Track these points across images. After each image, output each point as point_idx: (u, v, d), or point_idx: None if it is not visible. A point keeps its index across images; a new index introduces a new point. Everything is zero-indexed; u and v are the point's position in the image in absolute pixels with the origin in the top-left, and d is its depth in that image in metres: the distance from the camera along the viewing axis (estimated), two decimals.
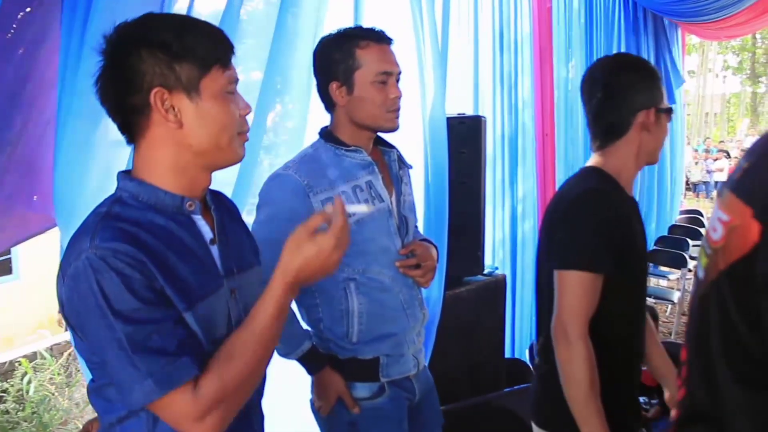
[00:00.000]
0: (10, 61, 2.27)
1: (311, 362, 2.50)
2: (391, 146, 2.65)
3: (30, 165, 2.42)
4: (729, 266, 1.10)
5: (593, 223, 2.12)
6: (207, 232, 1.64)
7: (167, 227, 1.54)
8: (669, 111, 2.28)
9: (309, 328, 2.58)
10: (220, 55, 1.55)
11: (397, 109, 2.45)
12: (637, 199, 7.56)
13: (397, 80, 2.47)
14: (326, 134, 2.51)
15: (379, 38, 2.42)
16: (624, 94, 2.25)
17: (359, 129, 2.46)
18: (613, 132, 2.28)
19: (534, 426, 2.40)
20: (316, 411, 2.62)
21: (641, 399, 4.61)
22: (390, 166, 2.62)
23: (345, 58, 2.37)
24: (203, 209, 1.67)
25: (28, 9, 2.26)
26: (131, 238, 1.43)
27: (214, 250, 1.65)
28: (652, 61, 9.58)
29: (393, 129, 2.49)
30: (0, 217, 2.44)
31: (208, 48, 1.53)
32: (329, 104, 2.49)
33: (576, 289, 2.09)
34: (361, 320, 2.46)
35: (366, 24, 2.85)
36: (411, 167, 2.75)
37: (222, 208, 1.79)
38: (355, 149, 2.46)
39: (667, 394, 2.51)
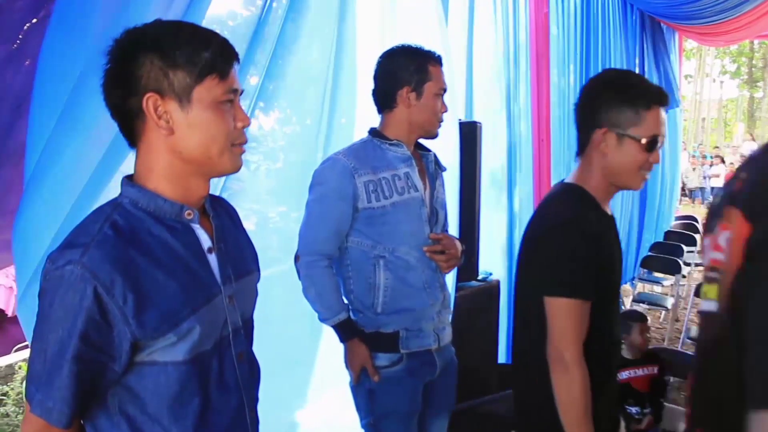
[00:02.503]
0: (18, 72, 2.29)
1: (344, 331, 2.80)
2: (428, 150, 2.99)
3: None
4: (731, 282, 1.11)
5: (571, 251, 2.15)
6: (205, 240, 1.65)
7: (162, 238, 1.56)
8: (636, 139, 2.19)
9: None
10: (217, 65, 1.54)
11: (442, 121, 2.89)
12: (631, 204, 7.54)
13: None
14: (374, 132, 2.87)
15: (440, 61, 2.88)
16: (589, 110, 2.25)
17: (411, 130, 2.85)
18: (580, 146, 2.31)
19: None
20: (350, 381, 2.89)
21: (633, 409, 4.62)
22: (427, 166, 2.94)
23: (419, 70, 2.78)
24: (202, 216, 1.67)
25: (35, 20, 2.28)
26: (121, 264, 1.46)
27: (212, 258, 1.66)
28: (649, 65, 9.59)
29: (435, 136, 2.92)
30: (8, 233, 2.45)
31: (204, 57, 1.53)
32: (387, 105, 2.84)
33: (567, 315, 2.14)
34: (386, 293, 2.78)
35: (382, 33, 3.34)
36: (445, 169, 3.08)
37: (222, 214, 1.80)
38: (397, 143, 2.83)
39: None
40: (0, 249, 2.61)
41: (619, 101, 2.18)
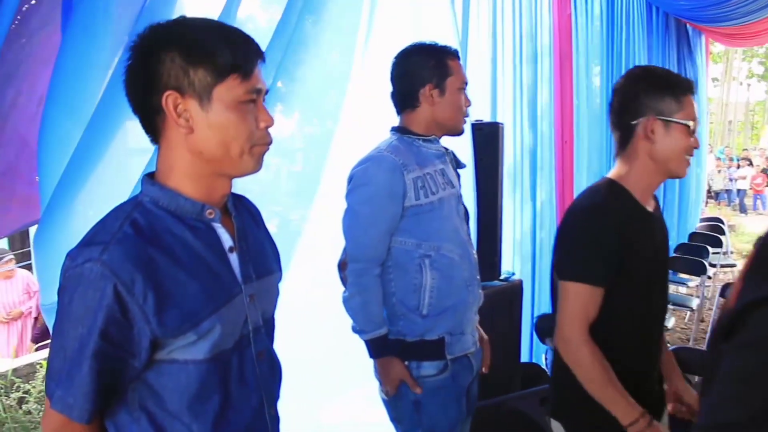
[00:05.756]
0: (10, 49, 2.29)
1: (379, 347, 2.72)
2: (446, 148, 2.91)
3: (25, 142, 2.43)
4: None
5: (588, 237, 2.24)
6: (227, 240, 1.64)
7: (183, 237, 1.55)
8: (682, 124, 2.27)
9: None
10: (239, 64, 1.52)
11: (467, 115, 2.85)
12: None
13: None
14: (401, 130, 2.80)
15: (458, 55, 2.83)
16: (628, 102, 2.32)
17: (436, 128, 2.79)
18: (621, 141, 2.36)
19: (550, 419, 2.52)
20: (383, 395, 2.84)
21: None
22: (450, 163, 2.89)
23: (440, 66, 2.73)
24: (224, 215, 1.66)
25: (33, 1, 2.30)
26: (142, 262, 1.46)
27: (233, 257, 1.65)
28: (674, 68, 9.54)
29: (461, 132, 2.87)
30: (11, 213, 2.45)
31: (226, 56, 1.50)
32: (409, 105, 2.78)
33: (573, 298, 2.23)
34: (432, 294, 2.69)
35: (401, 33, 3.34)
36: (464, 166, 3.05)
37: (244, 213, 1.79)
38: (432, 139, 2.79)
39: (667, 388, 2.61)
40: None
41: (658, 90, 2.27)
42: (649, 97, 2.27)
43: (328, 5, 3.12)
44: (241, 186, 2.71)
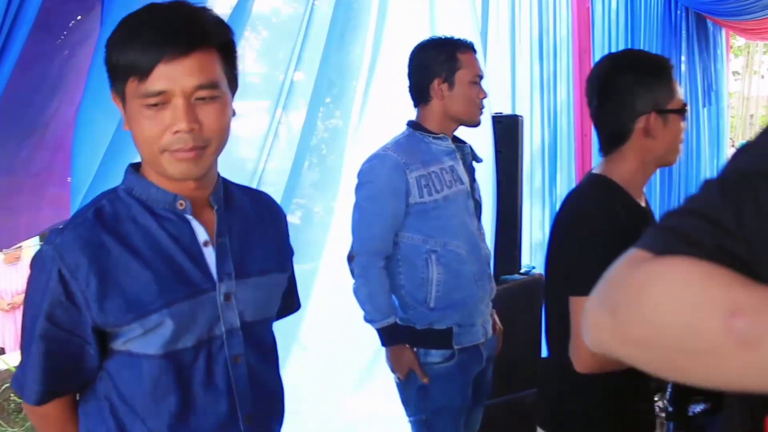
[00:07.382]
0: (53, 62, 2.36)
1: (389, 335, 2.79)
2: (464, 142, 2.97)
3: (60, 144, 2.48)
4: None
5: (602, 247, 1.88)
6: (202, 233, 1.58)
7: (146, 226, 1.53)
8: (678, 111, 2.07)
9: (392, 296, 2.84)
10: (136, 65, 1.42)
11: (483, 107, 2.89)
12: (675, 200, 7.41)
13: None
14: (414, 125, 2.86)
15: (472, 48, 2.86)
16: (620, 98, 2.08)
17: (449, 122, 2.85)
18: (614, 139, 2.13)
19: (538, 428, 2.35)
20: (396, 378, 2.90)
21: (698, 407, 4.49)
22: (464, 158, 2.93)
23: (449, 60, 2.77)
24: (204, 208, 1.61)
25: (79, 17, 2.35)
26: (90, 248, 1.47)
27: (209, 252, 1.59)
28: (691, 62, 9.48)
29: (477, 124, 2.92)
30: (33, 196, 2.49)
31: (122, 59, 1.44)
32: (422, 99, 2.84)
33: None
34: (438, 288, 2.76)
35: (422, 27, 3.38)
36: (481, 161, 3.09)
37: (244, 208, 1.73)
38: (442, 137, 2.82)
39: None
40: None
41: (650, 79, 2.05)
42: (645, 89, 2.04)
43: (350, 0, 3.14)
44: (266, 179, 2.74)
